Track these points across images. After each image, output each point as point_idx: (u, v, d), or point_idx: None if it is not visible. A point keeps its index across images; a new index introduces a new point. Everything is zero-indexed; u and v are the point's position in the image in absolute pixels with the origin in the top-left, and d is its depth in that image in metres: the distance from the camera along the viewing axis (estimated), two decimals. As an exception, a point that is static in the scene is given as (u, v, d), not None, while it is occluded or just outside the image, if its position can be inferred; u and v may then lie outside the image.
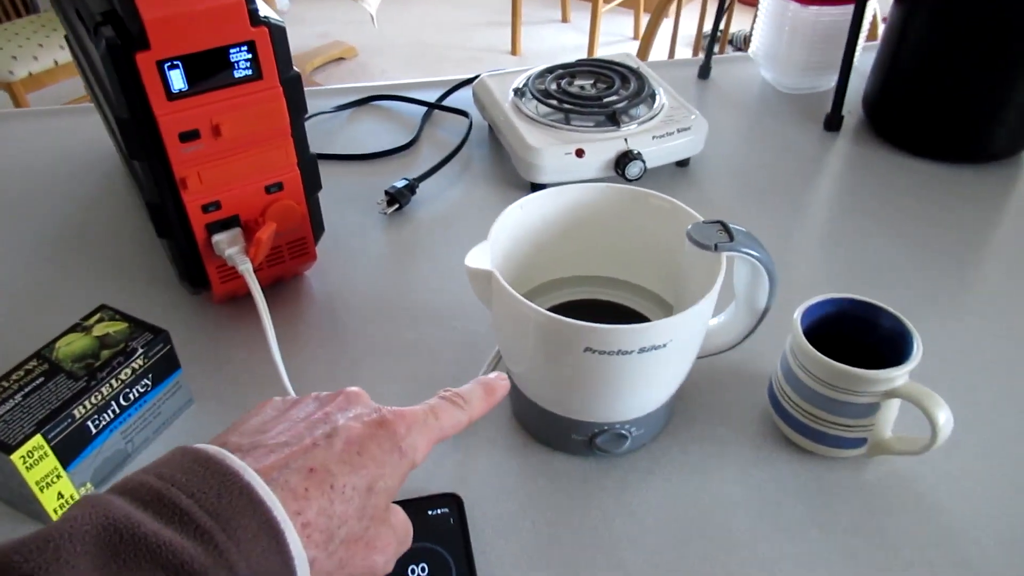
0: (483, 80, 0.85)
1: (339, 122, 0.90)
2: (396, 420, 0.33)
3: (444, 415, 0.36)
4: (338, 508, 0.29)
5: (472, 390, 0.39)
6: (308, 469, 0.29)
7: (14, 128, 0.88)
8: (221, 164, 0.54)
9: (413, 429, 0.34)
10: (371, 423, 0.33)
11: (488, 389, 0.39)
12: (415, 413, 0.35)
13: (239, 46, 0.51)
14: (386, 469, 0.32)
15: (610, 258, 0.57)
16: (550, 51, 3.22)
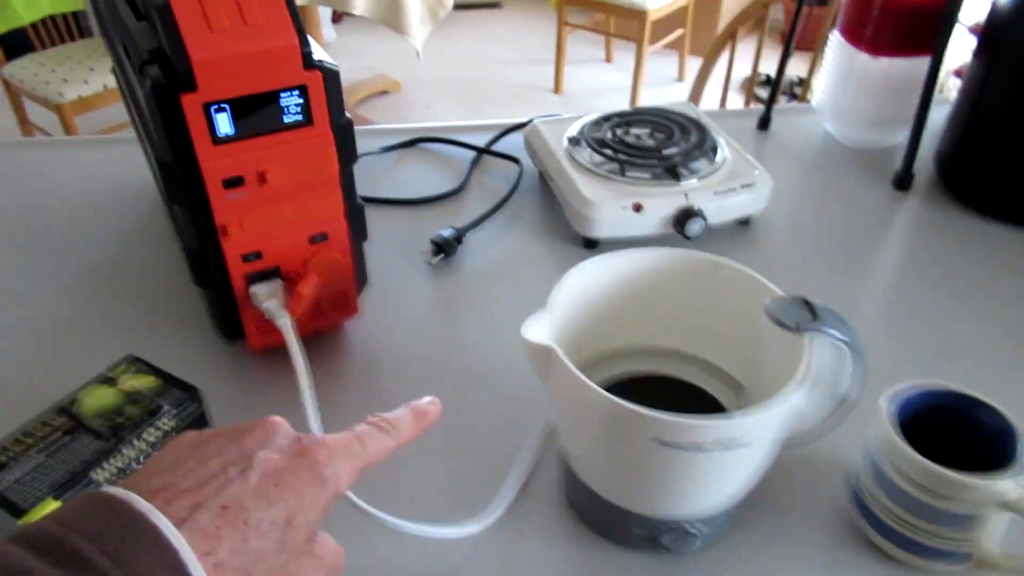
0: (536, 126, 0.82)
1: (385, 164, 0.87)
2: (316, 448, 0.33)
3: (369, 441, 0.35)
4: (254, 544, 0.29)
5: (401, 416, 0.38)
6: (221, 507, 0.29)
7: (57, 156, 0.87)
8: (264, 212, 0.51)
9: (336, 457, 0.33)
10: (290, 453, 0.32)
11: (419, 414, 0.39)
12: (337, 440, 0.34)
13: (290, 90, 0.48)
14: (306, 500, 0.31)
15: (676, 329, 0.52)
16: (593, 91, 3.21)
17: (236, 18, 0.45)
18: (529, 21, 3.94)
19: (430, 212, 0.79)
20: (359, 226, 0.57)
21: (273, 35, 0.46)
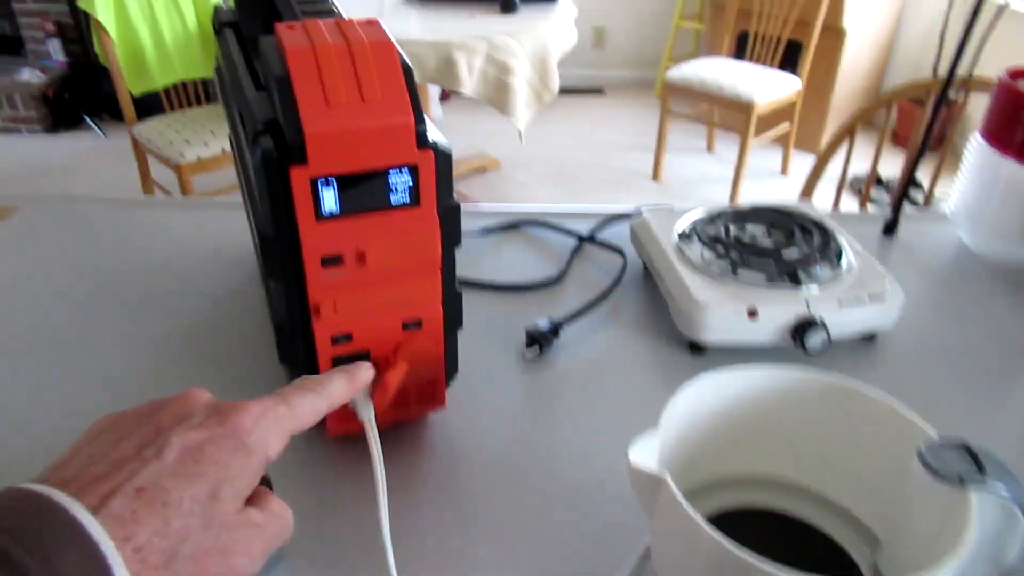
0: (643, 217, 0.78)
1: (483, 246, 0.85)
2: (238, 416, 0.32)
3: (298, 401, 0.34)
4: (176, 524, 0.28)
5: (331, 376, 0.38)
6: (136, 489, 0.28)
7: (168, 214, 0.88)
8: (360, 294, 0.48)
9: (261, 422, 0.32)
10: (210, 424, 0.31)
11: (350, 376, 0.39)
12: (262, 404, 0.33)
13: (400, 169, 0.46)
14: (231, 472, 0.30)
15: (802, 461, 0.46)
16: (692, 180, 3.17)
17: (354, 93, 0.44)
18: (631, 108, 3.97)
19: (526, 299, 0.75)
20: (455, 314, 0.54)
21: (389, 112, 0.44)
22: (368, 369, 0.42)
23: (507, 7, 2.46)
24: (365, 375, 0.41)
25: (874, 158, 1.39)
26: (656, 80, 4.13)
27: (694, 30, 3.96)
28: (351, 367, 0.41)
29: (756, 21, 3.01)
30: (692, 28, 3.94)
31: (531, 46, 2.27)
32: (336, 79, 0.43)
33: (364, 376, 0.41)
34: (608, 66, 4.21)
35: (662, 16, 4.05)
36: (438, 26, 2.31)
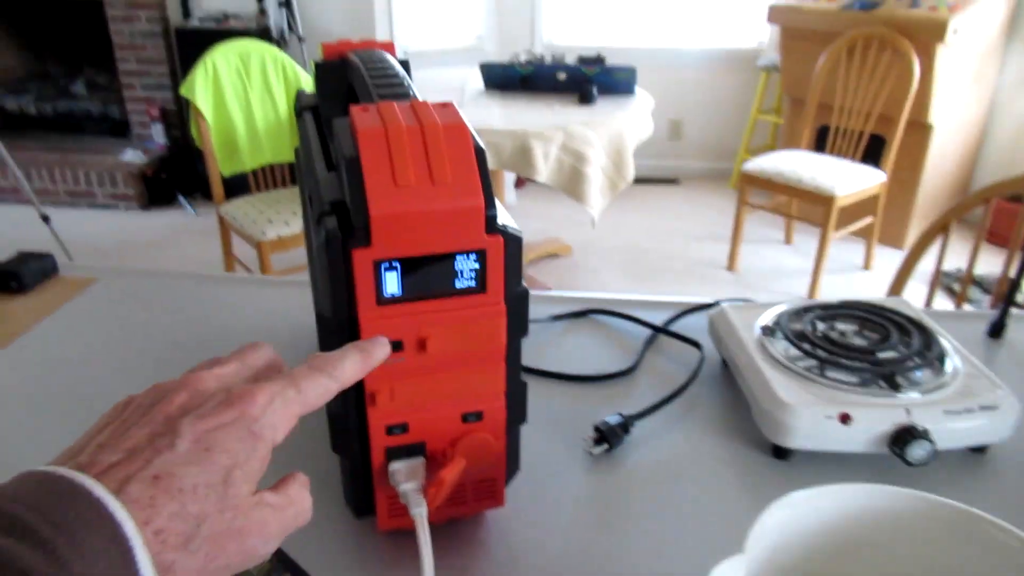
0: (723, 310, 0.74)
1: (551, 333, 0.81)
2: (246, 401, 0.32)
3: (307, 384, 0.34)
4: (192, 509, 0.29)
5: (344, 354, 0.37)
6: (152, 477, 0.29)
7: (242, 291, 0.89)
8: (418, 383, 0.46)
9: (269, 408, 0.33)
10: (218, 411, 0.32)
11: (364, 354, 0.38)
12: (271, 387, 0.33)
13: (468, 254, 0.43)
14: (240, 457, 0.31)
15: (909, 598, 0.40)
16: (769, 272, 3.09)
17: (424, 174, 0.42)
18: (706, 198, 3.95)
19: (595, 392, 0.71)
20: (519, 407, 0.50)
21: (459, 195, 0.42)
22: (384, 346, 0.40)
23: (585, 99, 2.50)
24: (380, 352, 0.39)
25: (971, 255, 1.32)
26: (732, 171, 4.11)
27: (772, 123, 3.95)
28: (366, 342, 0.39)
29: (837, 116, 2.98)
30: (770, 121, 3.93)
31: (607, 135, 2.29)
32: (406, 160, 0.42)
33: (379, 353, 0.39)
34: (683, 157, 4.22)
35: (739, 109, 4.06)
36: (516, 116, 2.36)
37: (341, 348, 0.38)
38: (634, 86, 2.59)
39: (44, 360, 0.76)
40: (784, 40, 3.33)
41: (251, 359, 0.37)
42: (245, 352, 0.37)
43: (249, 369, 0.37)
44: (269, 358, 0.38)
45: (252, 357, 0.37)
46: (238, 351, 0.38)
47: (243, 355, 0.37)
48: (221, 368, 0.35)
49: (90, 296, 0.88)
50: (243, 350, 0.38)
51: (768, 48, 3.89)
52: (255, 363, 0.37)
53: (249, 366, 0.37)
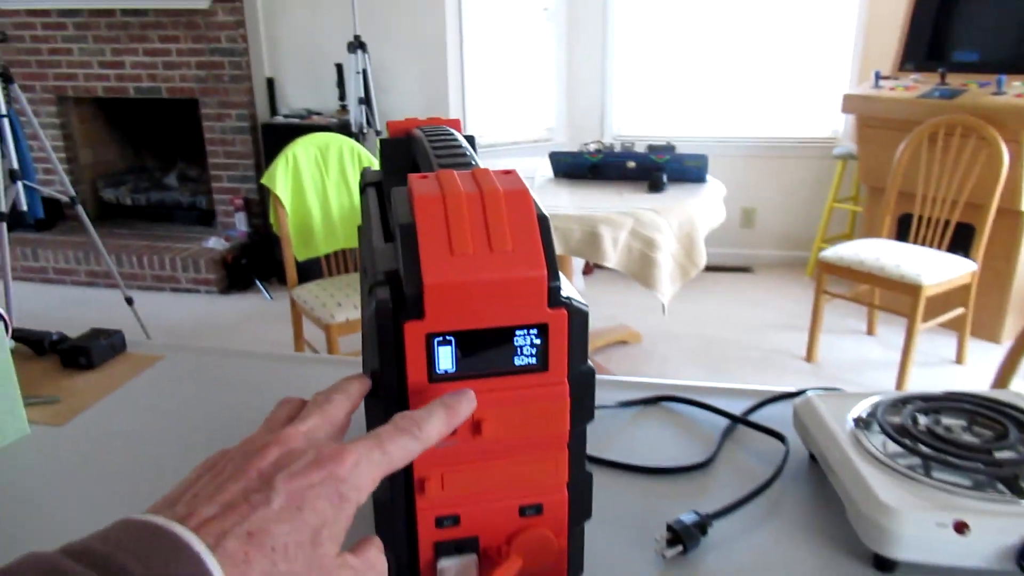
0: (810, 400, 0.68)
1: (620, 421, 0.76)
2: (336, 461, 0.33)
3: (392, 446, 0.35)
4: (282, 567, 0.30)
5: (430, 412, 0.37)
6: (247, 533, 0.29)
7: (306, 370, 0.87)
8: (472, 470, 0.42)
9: (356, 469, 0.33)
10: (309, 470, 0.32)
11: (450, 411, 0.38)
12: (358, 449, 0.34)
13: (528, 329, 0.40)
14: (328, 517, 0.32)
15: None
16: (851, 364, 2.94)
17: (482, 242, 0.39)
18: (781, 287, 3.84)
19: (668, 486, 0.65)
20: (582, 501, 0.46)
21: (520, 264, 0.39)
22: (471, 401, 0.39)
23: (655, 187, 2.49)
24: (466, 408, 0.38)
25: (1081, 346, 1.21)
26: (808, 260, 4.00)
27: (849, 211, 3.86)
28: (451, 397, 0.38)
29: (920, 204, 2.88)
30: (847, 209, 3.84)
31: (677, 222, 2.26)
32: (464, 227, 0.39)
33: (465, 410, 0.38)
34: (756, 245, 4.15)
35: (813, 198, 3.98)
36: (585, 202, 2.36)
37: (427, 406, 0.38)
38: (705, 174, 2.57)
39: (107, 435, 0.75)
40: (860, 129, 3.28)
41: (331, 412, 0.38)
42: (323, 405, 0.38)
43: (331, 424, 0.37)
44: (347, 408, 0.39)
45: (332, 411, 0.38)
46: (318, 403, 0.38)
47: (323, 409, 0.38)
48: (305, 424, 0.36)
49: (156, 373, 0.88)
50: (320, 403, 0.38)
51: (843, 137, 3.84)
52: (336, 416, 0.38)
53: (330, 420, 0.38)
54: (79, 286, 3.92)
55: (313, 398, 0.39)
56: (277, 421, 0.38)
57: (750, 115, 3.94)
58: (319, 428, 0.37)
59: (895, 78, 3.25)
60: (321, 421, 0.37)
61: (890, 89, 3.15)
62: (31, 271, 3.96)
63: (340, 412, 0.38)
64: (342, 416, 0.38)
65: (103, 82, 4.04)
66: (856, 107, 3.23)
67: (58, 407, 0.80)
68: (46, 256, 3.91)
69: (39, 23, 3.99)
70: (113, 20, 3.90)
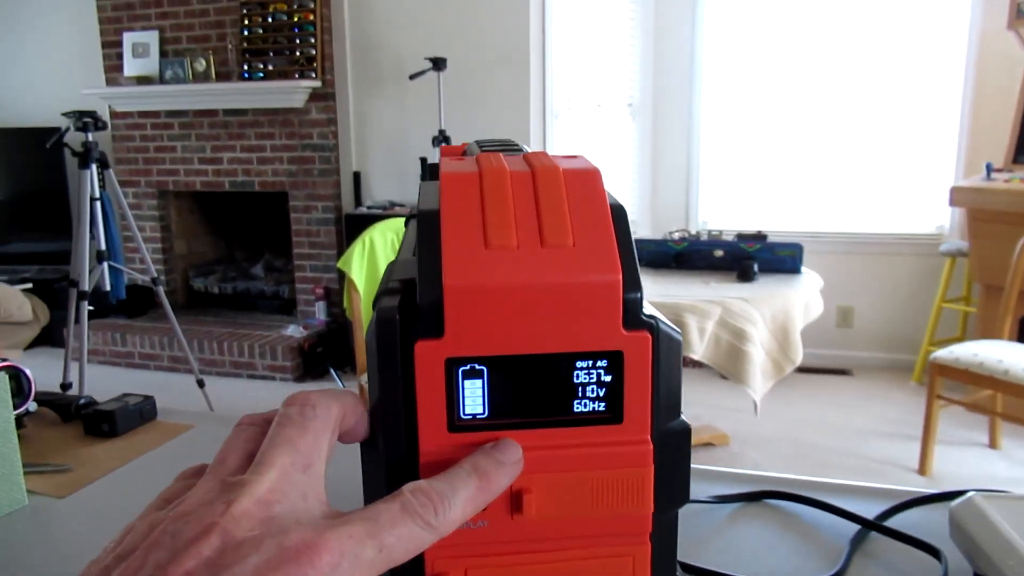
0: (974, 502, 0.51)
1: (715, 521, 0.61)
2: (305, 562, 0.22)
3: (392, 537, 0.24)
4: None
5: (454, 485, 0.26)
6: None
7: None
8: (508, 567, 0.29)
9: (336, 573, 0.22)
10: (265, 573, 0.22)
11: (484, 480, 0.26)
12: (341, 542, 0.23)
13: (594, 359, 0.28)
14: None
15: None
16: (973, 478, 2.61)
17: (531, 234, 0.28)
18: (884, 392, 3.53)
19: (784, 610, 0.49)
20: (673, 622, 0.32)
21: (583, 265, 0.27)
22: (514, 464, 0.27)
23: (744, 276, 2.33)
24: (508, 475, 0.27)
25: None
26: (914, 364, 3.68)
27: (960, 312, 3.56)
28: (487, 460, 0.27)
29: (1044, 301, 2.60)
30: (958, 310, 3.55)
31: (770, 313, 2.09)
32: (506, 213, 0.28)
33: (506, 478, 0.27)
34: (855, 347, 3.86)
35: (917, 297, 3.71)
36: (669, 290, 2.22)
37: (450, 472, 0.26)
38: (800, 264, 2.40)
39: (109, 507, 0.65)
40: (972, 223, 3.05)
41: (309, 447, 0.26)
42: (297, 437, 0.26)
43: (307, 467, 0.26)
44: (330, 439, 0.27)
45: (310, 445, 0.26)
46: (288, 433, 0.26)
47: (295, 444, 0.26)
48: (264, 482, 0.24)
49: (182, 442, 0.78)
50: (292, 433, 0.26)
51: (951, 232, 3.60)
52: (314, 452, 0.26)
53: (306, 460, 0.26)
54: (161, 371, 3.98)
55: (284, 414, 0.27)
56: (227, 465, 0.26)
57: (846, 209, 3.75)
58: (288, 483, 0.25)
59: (1009, 170, 3.04)
60: (292, 464, 0.25)
61: (1004, 181, 2.93)
62: (119, 355, 4.05)
63: (322, 445, 0.27)
64: (324, 450, 0.27)
65: (201, 177, 4.23)
66: (966, 200, 3.01)
67: (66, 476, 0.71)
68: (133, 341, 4.00)
69: (149, 123, 4.25)
70: (215, 120, 4.12)
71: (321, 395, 0.27)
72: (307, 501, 0.25)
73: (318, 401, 0.27)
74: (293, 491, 0.25)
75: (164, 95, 4.06)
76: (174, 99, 4.08)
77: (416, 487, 0.25)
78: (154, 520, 0.24)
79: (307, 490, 0.25)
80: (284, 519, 0.24)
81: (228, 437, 0.27)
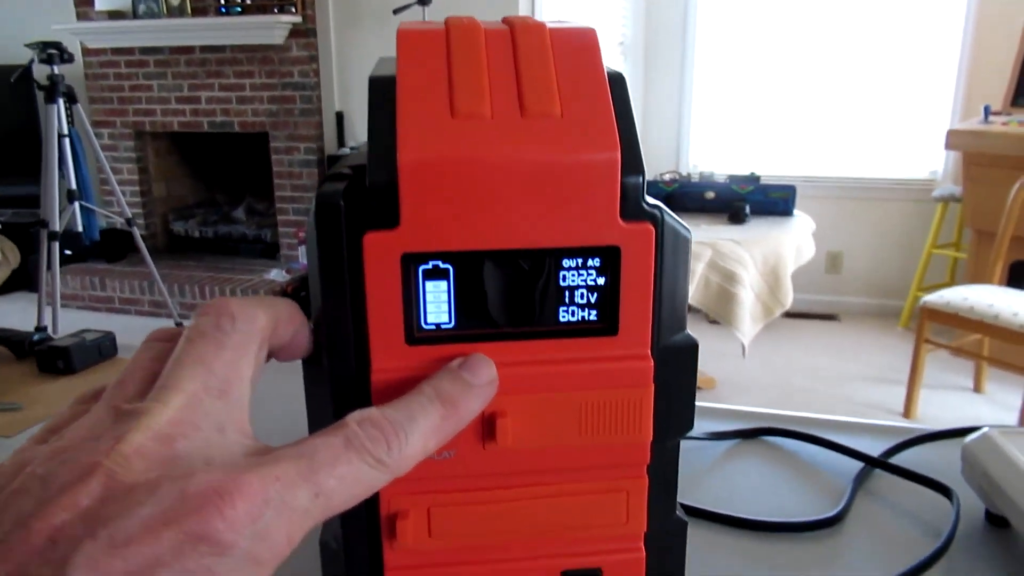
0: (989, 436, 0.48)
1: (709, 459, 0.57)
2: (213, 510, 0.17)
3: (334, 477, 0.19)
4: None
5: (411, 412, 0.21)
6: None
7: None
8: (480, 505, 0.24)
9: (258, 523, 0.18)
10: (155, 530, 0.17)
11: (450, 407, 0.22)
12: (264, 481, 0.18)
13: (585, 255, 0.23)
14: None
15: None
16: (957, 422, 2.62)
17: (509, 100, 0.23)
18: (872, 337, 3.53)
19: (785, 549, 0.46)
20: (669, 565, 0.27)
21: (573, 138, 0.22)
22: (487, 386, 0.22)
23: (736, 218, 2.29)
24: (478, 399, 0.22)
25: None
26: (901, 309, 3.68)
27: (950, 258, 3.54)
28: (453, 382, 0.22)
29: (1036, 247, 2.58)
30: (948, 256, 3.53)
31: (761, 255, 2.05)
32: (477, 74, 0.23)
33: (476, 402, 0.22)
34: (843, 292, 3.85)
35: (907, 242, 3.68)
36: (658, 232, 2.17)
37: (408, 396, 0.22)
38: (793, 207, 2.36)
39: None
40: (967, 168, 3.00)
41: (225, 368, 0.21)
42: (211, 355, 0.21)
43: (224, 393, 0.21)
44: (256, 358, 0.22)
45: (226, 366, 0.21)
46: (199, 349, 0.21)
47: (210, 365, 0.21)
48: (166, 412, 0.19)
49: (142, 381, 0.73)
50: (205, 349, 0.21)
51: (944, 178, 3.55)
52: (234, 375, 0.21)
53: (223, 384, 0.21)
54: (143, 316, 3.92)
55: (195, 326, 0.22)
56: (124, 390, 0.21)
57: (839, 153, 3.69)
58: (198, 412, 0.20)
59: (1007, 113, 2.98)
60: (203, 388, 0.20)
61: (1002, 124, 2.88)
62: (98, 300, 3.98)
63: (243, 364, 0.21)
64: (247, 370, 0.22)
65: (179, 117, 4.10)
66: (963, 143, 2.96)
67: (15, 415, 0.66)
68: (112, 286, 3.93)
69: (123, 60, 4.09)
70: (192, 56, 3.97)
71: (244, 303, 0.22)
72: (224, 434, 0.20)
73: (239, 311, 0.22)
74: (205, 422, 0.20)
75: (138, 30, 3.90)
76: (148, 35, 3.92)
77: (365, 416, 0.21)
78: (24, 458, 0.19)
79: (224, 420, 0.20)
80: (191, 458, 0.19)
81: (134, 354, 0.22)
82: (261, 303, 0.23)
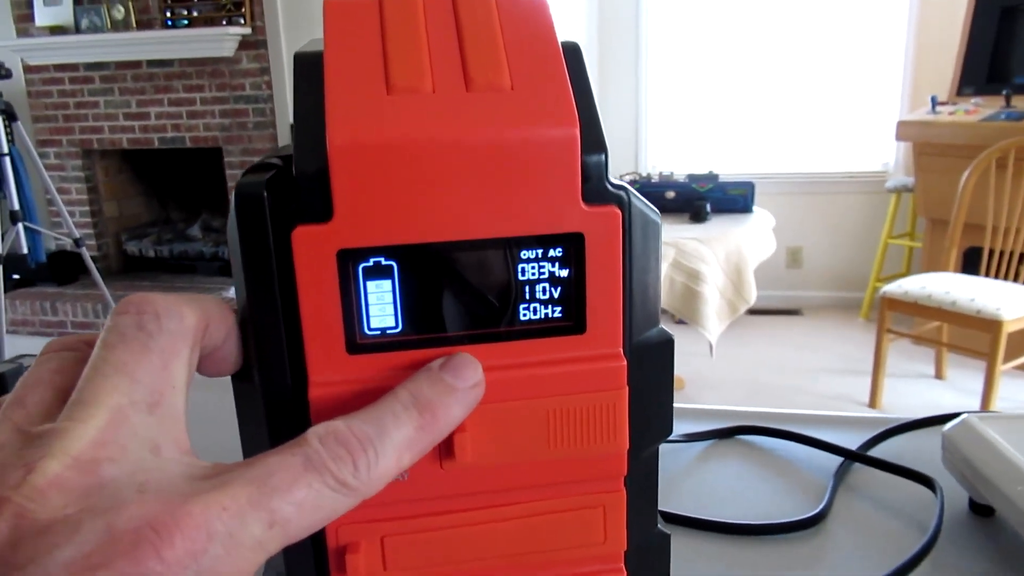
0: (969, 423, 0.46)
1: (685, 462, 0.55)
2: (156, 543, 0.15)
3: (287, 503, 0.17)
4: None
5: (382, 426, 0.18)
6: None
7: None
8: (440, 531, 0.21)
9: (203, 557, 0.15)
10: (83, 575, 0.14)
11: (427, 416, 0.19)
12: (210, 517, 0.16)
13: (544, 246, 0.20)
14: None
15: None
16: (922, 410, 2.65)
17: (453, 72, 0.20)
18: (834, 329, 3.57)
19: (767, 551, 0.44)
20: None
21: (526, 113, 0.20)
22: (472, 387, 0.20)
23: (697, 217, 2.29)
24: (458, 409, 0.19)
25: None
26: (861, 301, 3.73)
27: (906, 248, 3.60)
28: (430, 386, 0.19)
29: (991, 237, 2.63)
30: (903, 246, 3.59)
31: (724, 252, 2.06)
32: (416, 45, 0.20)
33: (455, 411, 0.19)
34: (804, 286, 3.89)
35: (864, 235, 3.74)
36: (621, 233, 2.17)
37: (376, 406, 0.19)
38: (752, 203, 2.37)
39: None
40: (917, 158, 3.06)
41: (153, 375, 0.18)
42: (132, 361, 0.18)
43: (152, 404, 0.18)
44: (188, 360, 0.19)
45: (153, 372, 0.18)
46: (119, 356, 0.18)
47: (131, 373, 0.17)
48: (87, 430, 0.16)
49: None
50: (123, 356, 0.18)
51: (896, 169, 3.62)
52: (163, 382, 0.18)
53: (152, 394, 0.18)
54: (98, 339, 3.82)
55: (112, 327, 0.18)
56: (26, 408, 0.18)
57: (793, 150, 3.74)
58: (125, 430, 0.17)
59: (953, 103, 3.04)
60: (129, 402, 0.17)
61: (949, 114, 2.94)
62: (49, 325, 3.85)
63: (174, 370, 0.18)
64: (180, 377, 0.18)
65: (128, 134, 4.00)
66: (912, 134, 3.01)
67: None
68: (64, 310, 3.80)
69: (67, 77, 3.98)
70: (139, 72, 3.88)
71: (168, 299, 0.19)
72: (159, 455, 0.17)
73: (164, 308, 0.18)
74: (134, 442, 0.17)
75: (81, 45, 3.80)
76: (92, 50, 3.82)
77: (328, 431, 0.18)
78: None
79: (158, 438, 0.17)
80: (119, 486, 0.16)
81: (29, 368, 0.19)
82: (188, 299, 0.19)
